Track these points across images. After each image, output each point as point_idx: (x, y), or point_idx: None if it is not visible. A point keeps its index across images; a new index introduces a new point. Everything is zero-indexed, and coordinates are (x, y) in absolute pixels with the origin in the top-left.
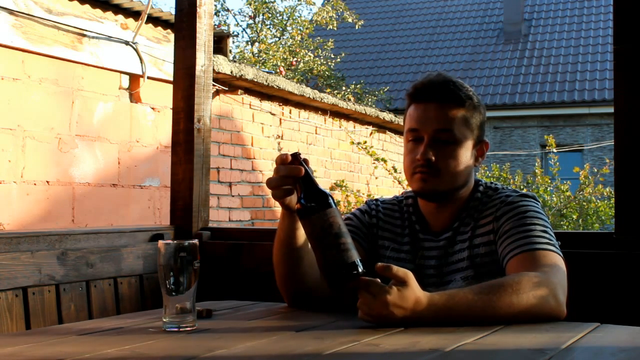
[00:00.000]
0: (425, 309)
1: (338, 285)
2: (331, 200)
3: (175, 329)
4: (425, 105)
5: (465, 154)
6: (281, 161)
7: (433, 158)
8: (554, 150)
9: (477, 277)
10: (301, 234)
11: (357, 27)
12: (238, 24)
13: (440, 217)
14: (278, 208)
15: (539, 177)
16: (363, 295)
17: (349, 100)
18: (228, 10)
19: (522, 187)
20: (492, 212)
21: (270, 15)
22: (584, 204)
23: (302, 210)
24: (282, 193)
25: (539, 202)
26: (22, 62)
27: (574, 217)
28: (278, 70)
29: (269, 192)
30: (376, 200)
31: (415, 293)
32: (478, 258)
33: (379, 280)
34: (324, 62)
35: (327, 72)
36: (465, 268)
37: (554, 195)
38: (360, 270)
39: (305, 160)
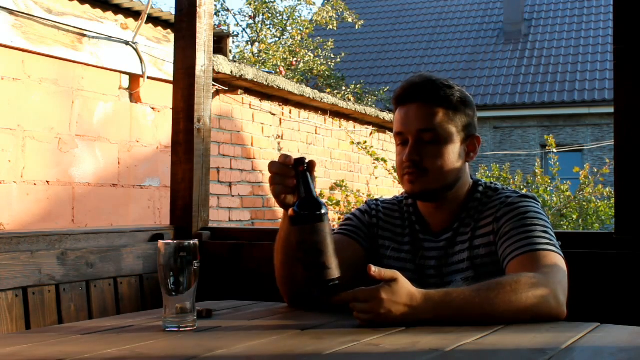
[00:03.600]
0: (423, 305)
1: (315, 296)
2: (324, 212)
3: (175, 329)
4: (407, 107)
5: (453, 152)
6: (283, 159)
7: (417, 158)
8: (554, 150)
9: (478, 278)
10: None
11: (357, 27)
12: (238, 24)
13: (438, 218)
14: (278, 208)
15: (539, 177)
16: (355, 305)
17: (349, 100)
18: (228, 10)
19: (522, 187)
20: (492, 213)
21: (270, 15)
22: (584, 204)
23: (294, 217)
24: (276, 190)
25: (539, 202)
26: (22, 62)
27: (574, 217)
28: (278, 70)
29: (269, 192)
30: (376, 200)
31: (407, 288)
32: (478, 259)
33: (363, 287)
34: (324, 62)
35: (327, 72)
36: (466, 269)
37: (554, 195)
38: (336, 284)
39: (311, 166)
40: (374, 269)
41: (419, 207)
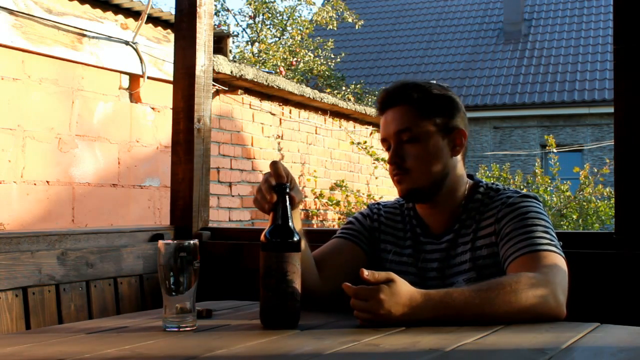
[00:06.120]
0: (423, 304)
1: (267, 324)
2: (296, 242)
3: (175, 329)
4: (385, 114)
5: (433, 148)
6: (265, 179)
7: (399, 160)
8: (554, 150)
9: (480, 279)
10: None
11: (357, 27)
12: (238, 24)
13: (437, 219)
14: None
15: (539, 177)
16: (356, 304)
17: (349, 100)
18: (228, 10)
19: (522, 187)
20: (494, 214)
21: (270, 15)
22: (584, 204)
23: (265, 243)
24: (255, 203)
25: (540, 202)
26: (22, 62)
27: (574, 217)
28: (278, 70)
29: None
30: (378, 204)
31: (406, 288)
32: (480, 260)
33: (364, 286)
34: (324, 62)
35: (327, 72)
36: (468, 270)
37: (554, 195)
38: (295, 314)
39: (290, 194)
40: (367, 273)
41: (417, 210)
